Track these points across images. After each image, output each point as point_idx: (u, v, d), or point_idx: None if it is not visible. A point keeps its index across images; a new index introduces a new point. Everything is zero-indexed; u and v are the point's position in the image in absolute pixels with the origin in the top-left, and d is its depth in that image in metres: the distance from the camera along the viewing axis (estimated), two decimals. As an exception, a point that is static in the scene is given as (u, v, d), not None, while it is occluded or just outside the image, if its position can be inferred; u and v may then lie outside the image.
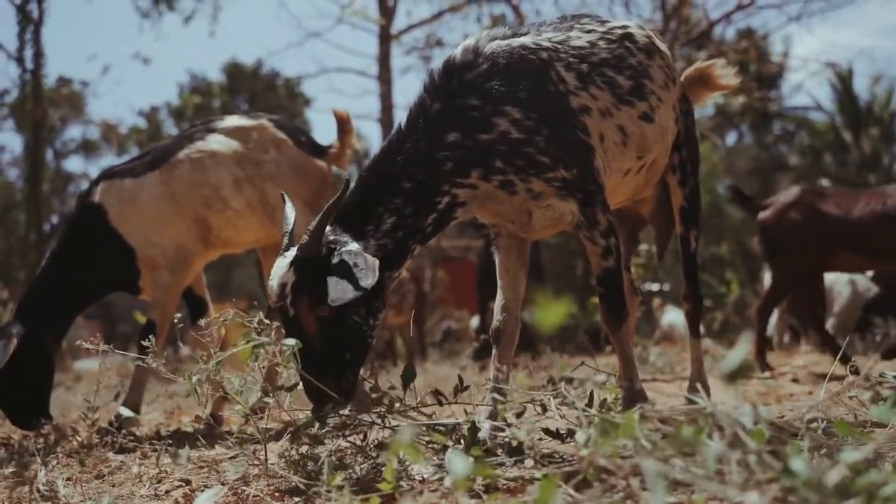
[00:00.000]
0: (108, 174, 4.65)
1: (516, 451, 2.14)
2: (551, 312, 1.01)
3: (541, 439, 2.29)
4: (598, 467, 1.34)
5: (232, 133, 4.67)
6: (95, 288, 4.58)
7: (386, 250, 2.62)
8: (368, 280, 2.42)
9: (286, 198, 2.81)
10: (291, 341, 2.34)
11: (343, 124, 4.83)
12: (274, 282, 2.50)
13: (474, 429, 2.27)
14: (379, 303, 2.63)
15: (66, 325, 4.54)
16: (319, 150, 4.77)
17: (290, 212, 2.75)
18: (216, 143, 4.62)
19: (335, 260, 2.47)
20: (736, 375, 1.21)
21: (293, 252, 2.52)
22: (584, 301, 17.13)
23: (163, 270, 4.46)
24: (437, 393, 2.61)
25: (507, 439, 2.23)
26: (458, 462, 1.07)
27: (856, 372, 4.23)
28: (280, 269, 2.51)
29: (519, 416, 2.49)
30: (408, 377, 2.54)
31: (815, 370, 6.03)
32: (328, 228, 2.57)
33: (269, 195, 4.51)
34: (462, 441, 2.31)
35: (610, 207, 2.88)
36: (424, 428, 2.43)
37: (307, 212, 4.51)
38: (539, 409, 2.51)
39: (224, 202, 4.52)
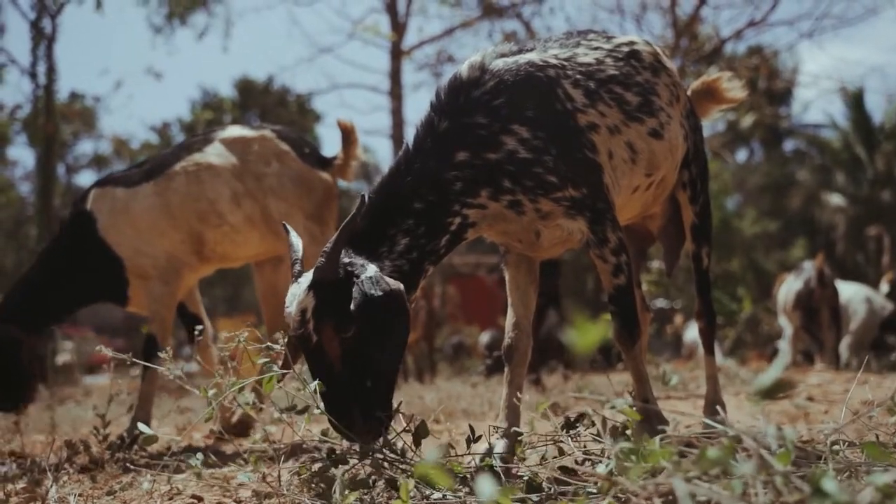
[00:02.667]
0: (103, 181, 4.60)
1: (535, 489, 2.11)
2: (588, 334, 0.98)
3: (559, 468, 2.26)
4: (621, 490, 1.32)
5: (232, 144, 4.59)
6: (79, 295, 4.51)
7: (402, 271, 2.58)
8: (403, 330, 2.43)
9: (288, 227, 2.74)
10: (315, 383, 2.31)
11: (347, 135, 4.75)
12: (292, 308, 2.42)
13: (492, 470, 2.23)
14: None
15: (44, 323, 4.52)
16: (323, 162, 4.70)
17: (296, 239, 2.67)
18: (214, 155, 4.53)
19: (356, 295, 2.38)
20: (770, 393, 1.18)
21: (308, 277, 2.44)
22: (596, 317, 17.09)
23: (154, 281, 4.39)
24: (449, 446, 2.55)
25: (525, 477, 2.18)
26: (487, 485, 1.05)
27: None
28: (297, 295, 2.43)
29: (541, 458, 2.44)
30: (420, 434, 2.47)
31: (829, 389, 5.97)
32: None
33: (272, 209, 4.43)
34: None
35: (620, 225, 2.86)
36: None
37: (312, 226, 4.44)
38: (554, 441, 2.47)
39: (220, 217, 4.45)
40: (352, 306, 2.37)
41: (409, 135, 2.81)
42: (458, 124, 2.69)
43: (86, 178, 31.40)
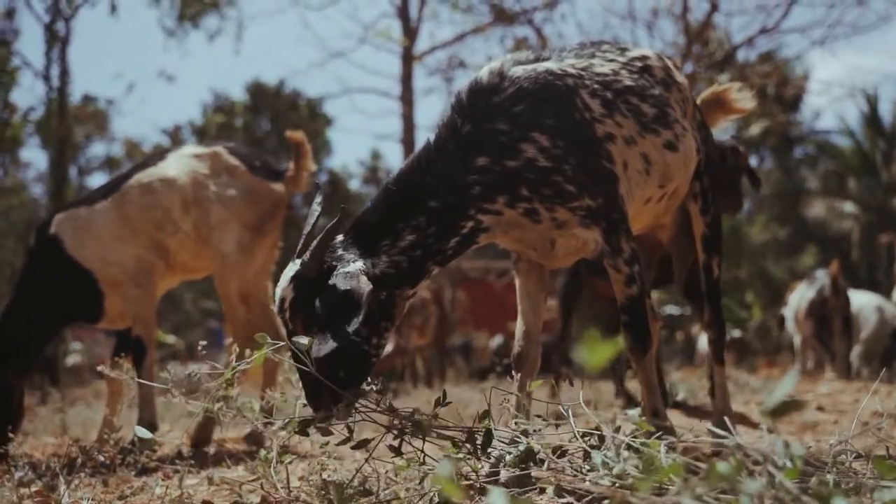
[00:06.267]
0: (64, 206, 4.80)
1: (528, 458, 2.11)
2: (598, 352, 1.00)
3: (559, 457, 2.25)
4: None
5: (184, 159, 4.76)
6: (58, 318, 4.65)
7: (399, 267, 2.58)
8: (353, 325, 2.37)
9: (318, 193, 2.78)
10: (305, 339, 2.33)
11: (299, 148, 4.90)
12: (277, 292, 2.52)
13: (489, 435, 2.24)
14: (386, 322, 2.58)
15: (32, 356, 4.61)
16: (275, 174, 4.86)
17: (318, 207, 2.72)
18: (168, 167, 4.71)
19: (325, 295, 2.42)
20: (780, 411, 1.19)
21: (297, 266, 2.51)
22: (605, 324, 17.04)
23: (127, 286, 4.52)
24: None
25: (521, 449, 2.19)
26: (498, 497, 1.06)
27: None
28: (284, 279, 2.51)
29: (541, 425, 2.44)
30: (385, 390, 2.52)
31: (839, 398, 5.95)
32: (340, 239, 2.56)
33: (212, 217, 4.59)
34: (475, 451, 2.28)
35: (632, 234, 2.87)
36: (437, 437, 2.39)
37: (245, 235, 4.63)
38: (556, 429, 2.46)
39: (175, 225, 4.61)
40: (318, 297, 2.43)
41: (422, 139, 2.82)
42: (479, 129, 2.70)
43: (98, 181, 31.54)
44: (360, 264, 2.50)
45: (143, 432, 2.52)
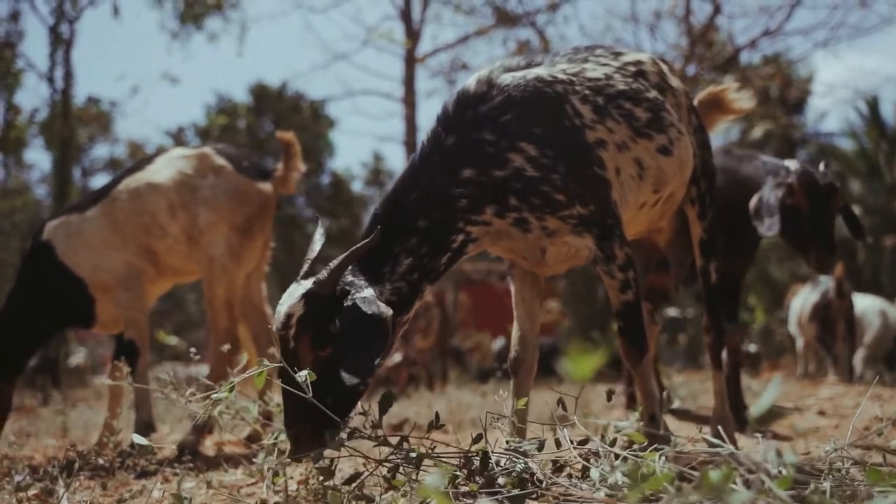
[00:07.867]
0: (57, 213, 4.82)
1: (528, 482, 2.11)
2: (583, 364, 1.00)
3: (556, 472, 2.26)
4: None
5: (171, 162, 4.78)
6: (50, 324, 4.69)
7: (400, 293, 2.56)
8: (381, 351, 2.34)
9: (320, 224, 2.76)
10: (304, 373, 2.26)
11: (288, 148, 4.92)
12: (282, 309, 2.42)
13: (486, 457, 2.24)
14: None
15: (23, 363, 4.67)
16: (263, 174, 4.88)
17: (320, 238, 2.68)
18: (154, 171, 4.74)
19: (345, 308, 2.38)
20: (766, 419, 1.19)
21: (309, 283, 2.44)
22: (605, 326, 17.03)
23: (117, 291, 4.57)
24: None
25: (520, 470, 2.19)
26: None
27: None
28: (291, 297, 2.42)
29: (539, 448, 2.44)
30: (385, 404, 2.44)
31: (841, 402, 5.94)
32: None
33: (200, 219, 4.61)
34: (473, 472, 2.28)
35: (627, 240, 2.85)
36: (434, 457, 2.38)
37: (233, 237, 4.64)
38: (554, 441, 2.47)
39: (162, 229, 4.65)
40: (337, 321, 2.37)
41: (422, 141, 2.79)
42: (464, 140, 2.67)
43: (101, 182, 31.51)
44: (371, 291, 2.46)
45: (140, 439, 2.51)
